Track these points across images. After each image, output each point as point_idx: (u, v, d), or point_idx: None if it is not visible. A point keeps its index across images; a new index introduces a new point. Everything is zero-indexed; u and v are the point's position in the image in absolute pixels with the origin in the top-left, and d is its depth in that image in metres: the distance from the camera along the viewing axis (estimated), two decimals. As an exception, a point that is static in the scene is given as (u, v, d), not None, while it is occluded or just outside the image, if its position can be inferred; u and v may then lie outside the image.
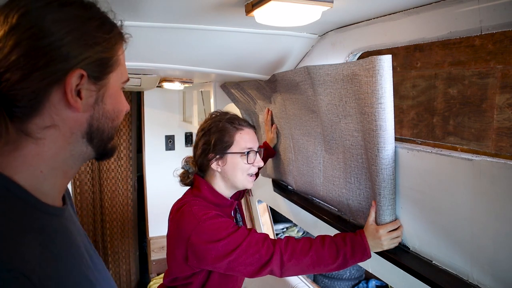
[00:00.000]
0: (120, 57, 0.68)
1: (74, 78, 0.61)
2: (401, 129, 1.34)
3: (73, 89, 0.61)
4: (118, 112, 0.70)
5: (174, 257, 1.30)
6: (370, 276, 3.45)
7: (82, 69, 0.61)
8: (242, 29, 1.36)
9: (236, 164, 1.40)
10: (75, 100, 0.62)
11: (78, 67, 0.61)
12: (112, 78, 0.67)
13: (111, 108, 0.68)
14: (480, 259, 0.96)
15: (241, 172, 1.41)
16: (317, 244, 1.22)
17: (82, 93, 0.63)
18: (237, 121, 1.45)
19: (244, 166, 1.41)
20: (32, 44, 0.58)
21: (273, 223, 2.91)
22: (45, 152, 0.63)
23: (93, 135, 0.67)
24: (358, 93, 1.15)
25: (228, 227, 1.24)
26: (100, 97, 0.65)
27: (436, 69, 1.18)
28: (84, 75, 0.62)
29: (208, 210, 1.29)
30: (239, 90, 2.12)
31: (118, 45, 0.68)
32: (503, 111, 1.00)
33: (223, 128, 1.42)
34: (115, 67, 0.67)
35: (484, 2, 0.84)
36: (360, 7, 1.09)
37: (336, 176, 1.43)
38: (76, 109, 0.62)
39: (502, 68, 0.99)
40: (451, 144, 1.16)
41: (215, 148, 1.40)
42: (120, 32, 0.69)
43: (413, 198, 1.14)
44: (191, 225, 1.23)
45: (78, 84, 0.61)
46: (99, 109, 0.66)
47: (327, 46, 1.45)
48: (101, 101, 0.66)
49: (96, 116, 0.66)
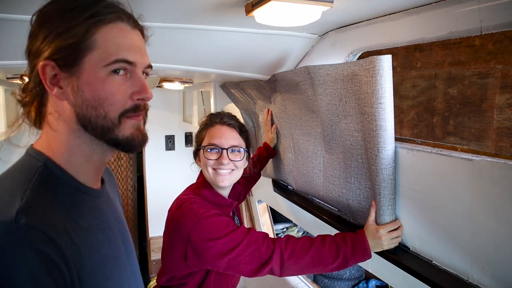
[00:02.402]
0: (96, 39, 0.66)
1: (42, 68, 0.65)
2: (401, 129, 1.34)
3: (47, 79, 0.66)
4: (100, 99, 0.67)
5: (172, 255, 1.29)
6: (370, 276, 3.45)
7: (50, 59, 0.65)
8: (242, 29, 1.36)
9: (202, 158, 1.40)
10: (52, 89, 0.67)
11: (45, 58, 0.65)
12: (87, 63, 0.66)
13: (90, 96, 0.66)
14: (480, 259, 0.96)
15: (205, 166, 1.37)
16: (317, 243, 1.22)
17: (60, 82, 0.67)
18: (215, 117, 1.44)
19: (207, 161, 1.36)
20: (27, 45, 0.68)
21: (273, 223, 2.91)
22: (59, 137, 0.70)
23: (84, 123, 0.68)
24: (358, 93, 1.15)
25: (228, 225, 1.23)
26: (75, 84, 0.67)
27: (436, 69, 1.18)
28: (50, 64, 0.65)
29: (208, 209, 1.28)
30: (239, 90, 2.12)
31: (92, 29, 0.66)
32: (503, 111, 1.00)
33: (201, 124, 1.46)
34: (89, 51, 0.66)
35: (484, 2, 0.84)
36: (360, 7, 1.09)
37: (336, 176, 1.43)
38: (57, 97, 0.67)
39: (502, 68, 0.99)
40: (451, 144, 1.16)
41: (195, 144, 1.45)
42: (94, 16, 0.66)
43: (413, 198, 1.14)
44: (191, 223, 1.23)
45: (55, 74, 0.66)
46: (78, 97, 0.67)
47: (327, 46, 1.45)
48: (77, 89, 0.67)
49: (78, 103, 0.67)
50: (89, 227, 0.69)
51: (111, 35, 0.67)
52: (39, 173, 0.66)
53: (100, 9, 0.67)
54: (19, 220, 0.58)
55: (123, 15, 0.70)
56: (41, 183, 0.65)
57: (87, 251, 0.66)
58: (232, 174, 1.38)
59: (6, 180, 0.67)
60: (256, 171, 1.82)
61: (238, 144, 1.40)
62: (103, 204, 0.77)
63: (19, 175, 0.67)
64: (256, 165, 1.83)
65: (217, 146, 1.37)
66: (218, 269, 1.25)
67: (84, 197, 0.72)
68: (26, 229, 0.58)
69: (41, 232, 0.58)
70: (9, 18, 1.10)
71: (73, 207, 0.68)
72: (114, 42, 0.67)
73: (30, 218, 0.59)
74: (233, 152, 1.39)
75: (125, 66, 0.68)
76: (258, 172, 1.86)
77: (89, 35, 0.66)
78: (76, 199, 0.70)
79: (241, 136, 1.44)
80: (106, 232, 0.74)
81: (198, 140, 1.45)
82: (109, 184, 0.85)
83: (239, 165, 1.39)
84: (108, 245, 0.73)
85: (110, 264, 0.72)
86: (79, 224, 0.67)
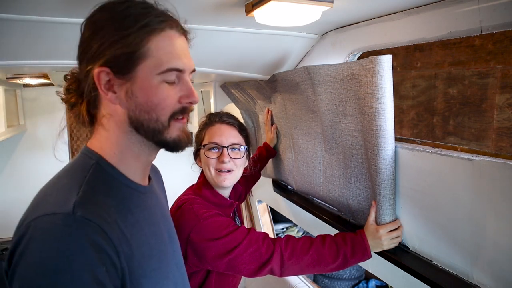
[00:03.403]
0: (149, 49, 0.70)
1: (98, 74, 0.69)
2: (401, 129, 1.33)
3: (101, 84, 0.70)
4: (153, 104, 0.72)
5: None
6: (370, 276, 3.45)
7: (105, 66, 0.69)
8: (242, 29, 1.36)
9: (203, 158, 1.40)
10: (106, 94, 0.70)
11: (100, 65, 0.69)
12: (140, 71, 0.70)
13: (143, 101, 0.71)
14: (480, 259, 0.96)
15: (207, 166, 1.37)
16: (317, 243, 1.22)
17: (114, 87, 0.71)
18: (214, 117, 1.44)
19: (208, 161, 1.36)
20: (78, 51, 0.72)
21: (273, 223, 2.91)
22: (110, 137, 0.75)
23: (136, 125, 0.73)
24: (358, 93, 1.15)
25: (228, 226, 1.23)
26: (129, 90, 0.71)
27: (436, 69, 1.18)
28: (105, 71, 0.69)
29: (209, 209, 1.28)
30: (239, 90, 2.12)
31: (146, 39, 0.70)
32: (503, 111, 1.00)
33: (201, 124, 1.46)
34: (142, 59, 0.70)
35: (484, 2, 0.85)
36: (360, 7, 1.09)
37: (336, 176, 1.43)
38: (111, 101, 0.71)
39: (502, 68, 0.99)
40: (451, 144, 1.16)
41: (195, 144, 1.44)
42: (147, 26, 0.70)
43: (413, 198, 1.14)
44: (191, 223, 1.23)
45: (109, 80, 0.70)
46: (131, 102, 0.72)
47: (327, 46, 1.45)
48: (131, 94, 0.71)
49: (132, 108, 0.72)
50: (137, 221, 0.74)
51: (163, 44, 0.72)
52: (92, 170, 0.72)
53: (153, 19, 0.71)
54: (76, 212, 0.63)
55: (173, 23, 0.74)
56: (95, 179, 0.71)
57: (136, 244, 0.71)
58: (232, 174, 1.38)
59: (63, 177, 0.73)
60: (256, 170, 1.82)
61: (238, 142, 1.40)
62: (150, 200, 0.82)
63: (75, 172, 0.72)
64: (257, 163, 1.83)
65: (218, 144, 1.36)
66: (218, 270, 1.25)
67: (132, 193, 0.77)
68: (82, 221, 0.62)
69: (95, 224, 0.63)
70: (9, 18, 1.10)
71: (123, 202, 0.73)
72: (166, 51, 0.72)
73: (86, 211, 0.64)
74: (234, 150, 1.38)
75: (176, 74, 0.74)
76: (258, 171, 1.86)
77: (143, 44, 0.70)
78: (125, 194, 0.75)
79: (240, 134, 1.43)
80: (153, 226, 0.80)
81: (198, 140, 1.44)
82: (156, 182, 0.92)
83: (239, 163, 1.38)
84: (155, 238, 0.79)
85: (157, 257, 0.77)
86: (128, 218, 0.72)
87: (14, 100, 3.84)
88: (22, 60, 1.49)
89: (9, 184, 3.93)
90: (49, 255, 0.59)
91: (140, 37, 0.69)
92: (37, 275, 0.58)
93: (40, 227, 0.62)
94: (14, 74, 3.08)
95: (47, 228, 0.61)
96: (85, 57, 0.71)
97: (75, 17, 1.11)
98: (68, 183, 0.70)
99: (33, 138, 4.01)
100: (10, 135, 3.39)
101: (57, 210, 0.63)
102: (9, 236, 0.68)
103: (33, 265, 0.59)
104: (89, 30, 0.71)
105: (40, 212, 0.64)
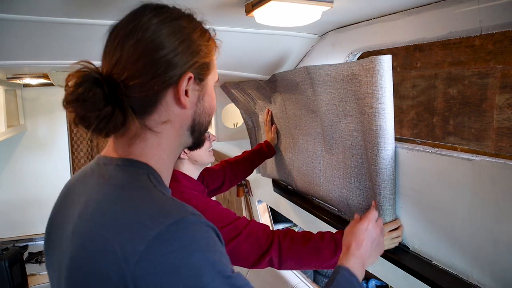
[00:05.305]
0: (214, 60, 0.80)
1: (185, 81, 0.72)
2: (401, 129, 1.33)
3: (183, 90, 0.73)
4: (212, 108, 0.82)
5: None
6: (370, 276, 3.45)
7: (190, 72, 0.73)
8: (242, 29, 1.36)
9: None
10: (184, 99, 0.74)
11: (188, 71, 0.72)
12: (209, 79, 0.79)
13: (208, 105, 0.80)
14: (480, 259, 0.96)
15: (206, 151, 1.48)
16: (317, 238, 1.22)
17: (189, 93, 0.75)
18: None
19: (208, 146, 1.49)
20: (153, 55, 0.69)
21: (273, 223, 2.91)
22: (163, 143, 0.76)
23: (195, 128, 0.79)
24: (358, 93, 1.15)
25: (229, 215, 1.24)
26: (201, 95, 0.78)
27: (436, 69, 1.18)
28: (192, 77, 0.73)
29: (208, 198, 1.30)
30: (239, 90, 2.12)
31: (214, 50, 0.79)
32: (503, 111, 1.00)
33: None
34: (212, 69, 0.79)
35: (484, 2, 0.85)
36: (360, 7, 1.09)
37: (336, 176, 1.43)
38: (184, 106, 0.74)
39: (502, 68, 0.99)
40: (451, 144, 1.16)
41: None
42: (211, 38, 0.79)
43: (413, 198, 1.14)
44: None
45: (187, 85, 0.73)
46: (200, 106, 0.78)
47: (327, 46, 1.45)
48: (202, 99, 0.78)
49: (198, 112, 0.78)
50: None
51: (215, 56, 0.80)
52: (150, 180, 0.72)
53: (211, 31, 0.79)
54: (195, 213, 0.66)
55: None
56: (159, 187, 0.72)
57: None
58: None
59: (139, 191, 0.69)
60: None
61: None
62: None
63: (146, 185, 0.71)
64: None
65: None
66: None
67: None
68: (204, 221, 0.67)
69: (212, 227, 0.67)
70: (9, 18, 1.10)
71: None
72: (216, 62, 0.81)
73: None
74: None
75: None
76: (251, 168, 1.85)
77: (213, 54, 0.78)
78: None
79: None
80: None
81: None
82: None
83: None
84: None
85: None
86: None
87: (14, 100, 3.85)
88: (22, 60, 1.49)
89: (9, 184, 3.93)
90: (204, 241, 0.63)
91: (213, 47, 0.78)
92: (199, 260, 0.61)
93: (183, 227, 0.62)
94: (14, 74, 3.08)
95: (195, 223, 0.64)
96: (167, 65, 0.71)
97: (75, 17, 1.11)
98: (156, 194, 0.69)
99: (33, 138, 4.01)
100: (10, 135, 3.39)
101: (184, 215, 0.64)
102: (9, 236, 0.66)
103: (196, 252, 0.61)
104: (175, 37, 0.72)
105: (164, 223, 0.62)
